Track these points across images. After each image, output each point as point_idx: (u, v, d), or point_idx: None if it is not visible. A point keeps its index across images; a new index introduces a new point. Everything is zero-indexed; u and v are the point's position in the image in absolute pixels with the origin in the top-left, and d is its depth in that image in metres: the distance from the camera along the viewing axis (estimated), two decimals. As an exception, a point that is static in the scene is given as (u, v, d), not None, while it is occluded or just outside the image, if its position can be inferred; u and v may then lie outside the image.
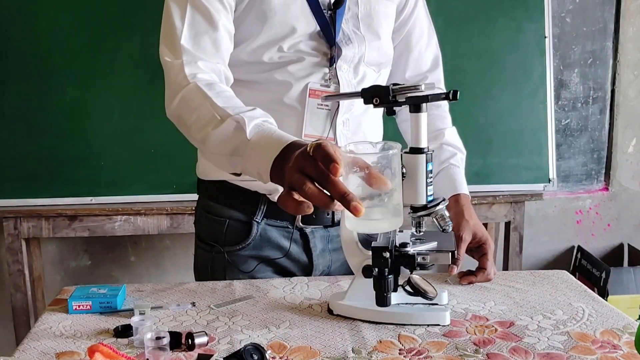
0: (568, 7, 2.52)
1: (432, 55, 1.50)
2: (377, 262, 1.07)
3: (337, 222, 1.35)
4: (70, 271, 2.58)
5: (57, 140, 2.25)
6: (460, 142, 1.49)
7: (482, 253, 1.31)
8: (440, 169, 1.41)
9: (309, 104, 1.29)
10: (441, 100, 1.05)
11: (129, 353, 0.99)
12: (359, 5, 1.30)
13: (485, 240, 1.31)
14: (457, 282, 1.29)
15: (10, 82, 2.24)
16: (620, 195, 2.71)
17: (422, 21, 1.48)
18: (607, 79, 2.60)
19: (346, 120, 1.33)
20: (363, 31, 1.31)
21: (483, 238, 1.31)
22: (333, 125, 1.31)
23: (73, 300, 1.17)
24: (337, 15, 1.27)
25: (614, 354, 0.98)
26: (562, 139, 2.59)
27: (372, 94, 1.10)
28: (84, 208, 2.25)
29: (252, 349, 0.94)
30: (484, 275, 1.29)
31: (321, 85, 1.29)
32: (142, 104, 2.27)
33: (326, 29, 1.27)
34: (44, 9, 2.22)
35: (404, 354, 0.99)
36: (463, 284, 1.28)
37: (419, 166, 1.06)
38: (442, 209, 1.08)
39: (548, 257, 2.75)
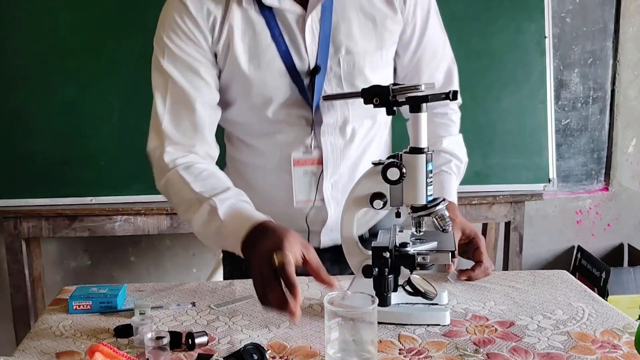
0: (568, 7, 2.52)
1: (444, 72, 1.45)
2: (377, 262, 1.07)
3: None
4: (70, 271, 2.58)
5: (58, 140, 2.25)
6: (461, 150, 1.48)
7: (474, 248, 1.30)
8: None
9: (295, 173, 1.30)
10: (441, 100, 1.05)
11: (129, 353, 0.99)
12: (340, 64, 1.26)
13: (475, 234, 1.31)
14: (457, 281, 1.29)
15: (10, 82, 2.24)
16: (620, 195, 2.71)
17: (434, 42, 1.40)
18: (607, 79, 2.60)
19: (335, 183, 1.33)
20: (347, 90, 1.27)
21: (472, 233, 1.31)
22: (319, 191, 1.32)
23: (73, 300, 1.17)
24: (317, 80, 1.25)
25: (614, 354, 0.98)
26: (562, 139, 2.59)
27: (372, 94, 1.11)
28: (84, 208, 2.25)
29: (252, 348, 0.94)
30: (483, 269, 1.28)
31: (304, 153, 1.30)
32: (142, 104, 2.24)
33: (305, 96, 1.26)
34: (44, 9, 2.22)
35: (404, 354, 0.99)
36: (462, 280, 1.28)
37: (419, 166, 1.06)
38: (442, 209, 1.08)
39: (548, 257, 2.75)
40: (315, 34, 1.24)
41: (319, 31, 1.24)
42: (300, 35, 1.24)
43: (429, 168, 1.06)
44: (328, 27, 1.25)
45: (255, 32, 1.23)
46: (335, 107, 1.28)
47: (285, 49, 1.24)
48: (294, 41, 1.25)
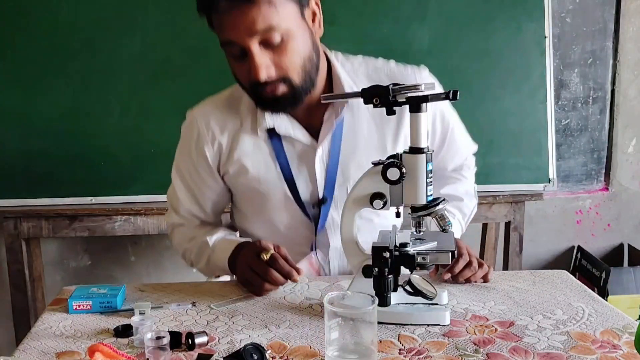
0: (568, 7, 2.52)
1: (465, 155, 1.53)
2: (377, 262, 1.07)
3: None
4: (70, 271, 2.58)
5: (57, 140, 2.25)
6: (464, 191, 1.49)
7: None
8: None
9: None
10: (441, 100, 1.05)
11: (129, 353, 0.99)
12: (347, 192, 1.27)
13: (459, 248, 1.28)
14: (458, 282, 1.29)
15: (10, 82, 2.23)
16: (620, 195, 2.70)
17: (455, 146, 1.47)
18: (607, 79, 2.60)
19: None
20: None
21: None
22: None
23: (73, 300, 1.17)
24: (322, 210, 1.33)
25: (614, 353, 0.98)
26: (562, 139, 2.59)
27: (372, 94, 1.11)
28: (84, 208, 2.25)
29: (252, 348, 0.94)
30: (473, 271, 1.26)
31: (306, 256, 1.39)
32: (142, 104, 2.27)
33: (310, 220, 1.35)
34: (43, 9, 2.22)
35: (404, 353, 0.99)
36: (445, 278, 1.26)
37: (419, 166, 1.06)
38: (442, 209, 1.08)
39: (548, 257, 2.75)
40: (324, 164, 1.31)
41: (328, 162, 1.30)
42: (311, 166, 1.31)
43: (429, 168, 1.06)
44: (337, 157, 1.30)
45: (267, 160, 1.32)
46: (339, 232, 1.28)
47: (290, 178, 1.31)
48: (302, 170, 1.32)
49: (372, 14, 2.30)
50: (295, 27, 1.17)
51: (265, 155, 1.32)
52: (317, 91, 1.27)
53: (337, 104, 1.29)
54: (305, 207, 1.33)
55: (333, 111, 1.30)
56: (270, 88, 1.19)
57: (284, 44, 1.16)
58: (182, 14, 2.25)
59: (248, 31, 1.14)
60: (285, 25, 1.15)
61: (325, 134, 1.29)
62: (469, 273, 1.26)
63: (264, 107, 1.27)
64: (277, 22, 1.14)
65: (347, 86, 1.28)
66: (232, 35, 1.16)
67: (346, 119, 1.31)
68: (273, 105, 1.24)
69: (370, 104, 1.10)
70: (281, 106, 1.24)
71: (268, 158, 1.32)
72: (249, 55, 1.16)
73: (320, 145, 1.30)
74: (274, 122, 1.29)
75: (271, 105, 1.24)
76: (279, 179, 1.32)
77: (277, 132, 1.29)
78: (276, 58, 1.17)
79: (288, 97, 1.21)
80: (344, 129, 1.31)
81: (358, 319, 0.92)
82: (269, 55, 1.17)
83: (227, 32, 1.16)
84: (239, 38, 1.15)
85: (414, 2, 2.30)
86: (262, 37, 1.15)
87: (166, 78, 2.26)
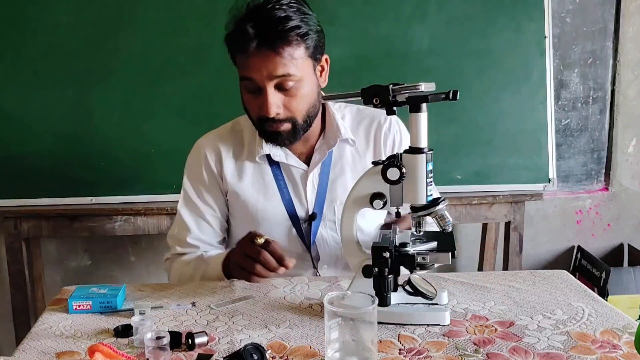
0: (568, 7, 2.52)
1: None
2: (377, 262, 1.07)
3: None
4: (70, 271, 2.58)
5: (57, 140, 2.25)
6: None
7: None
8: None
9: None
10: (441, 101, 1.05)
11: (129, 353, 0.99)
12: (335, 212, 1.47)
13: None
14: (458, 282, 1.29)
15: (10, 82, 2.24)
16: (620, 195, 2.70)
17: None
18: (607, 79, 2.60)
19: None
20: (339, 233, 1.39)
21: None
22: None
23: (73, 300, 1.17)
24: (313, 225, 1.46)
25: (614, 353, 0.98)
26: (562, 139, 2.59)
27: (372, 94, 1.11)
28: (84, 208, 2.25)
29: (252, 348, 0.94)
30: None
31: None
32: (142, 104, 2.27)
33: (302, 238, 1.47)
34: (44, 9, 2.22)
35: (403, 353, 1.00)
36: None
37: (419, 166, 1.06)
38: (442, 209, 1.08)
39: (548, 257, 2.75)
40: (314, 187, 1.48)
41: (318, 184, 1.48)
42: (302, 188, 1.48)
43: (429, 168, 1.06)
44: (326, 181, 1.48)
45: (265, 182, 1.48)
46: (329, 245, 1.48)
47: (288, 198, 1.47)
48: (297, 192, 1.48)
49: (372, 14, 2.29)
50: (307, 78, 1.36)
51: (263, 178, 1.48)
52: (312, 129, 1.46)
53: (328, 139, 1.48)
54: (299, 224, 1.47)
55: (324, 142, 1.49)
56: (276, 125, 1.37)
57: (294, 90, 1.35)
58: (182, 14, 2.25)
59: (268, 75, 1.32)
60: (300, 75, 1.34)
61: (315, 163, 1.48)
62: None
63: (266, 138, 1.43)
64: (294, 72, 1.33)
65: (340, 124, 1.48)
66: (253, 74, 1.33)
67: (334, 151, 1.50)
68: (274, 138, 1.41)
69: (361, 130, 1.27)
70: (281, 140, 1.41)
71: (266, 180, 1.48)
72: (264, 93, 1.33)
73: (311, 171, 1.48)
74: (270, 150, 1.46)
75: (272, 137, 1.41)
76: (276, 198, 1.47)
77: (273, 158, 1.46)
78: (286, 100, 1.36)
79: (289, 134, 1.39)
80: (333, 157, 1.50)
81: (358, 319, 0.92)
82: (280, 97, 1.35)
83: (249, 71, 1.33)
84: (259, 78, 1.33)
85: (414, 2, 2.30)
86: (278, 81, 1.33)
87: (166, 78, 2.26)
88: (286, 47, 1.31)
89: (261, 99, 1.34)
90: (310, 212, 1.47)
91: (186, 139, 1.60)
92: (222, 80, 2.26)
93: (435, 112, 1.18)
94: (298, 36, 1.32)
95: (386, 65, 2.26)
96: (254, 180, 1.48)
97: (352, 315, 0.92)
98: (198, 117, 2.22)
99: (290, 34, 1.31)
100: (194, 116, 2.24)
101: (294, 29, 1.31)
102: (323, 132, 1.49)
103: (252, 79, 1.34)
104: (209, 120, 1.63)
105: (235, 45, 1.35)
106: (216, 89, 2.24)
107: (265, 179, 1.48)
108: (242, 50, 1.33)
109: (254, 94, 1.36)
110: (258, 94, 1.35)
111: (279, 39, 1.30)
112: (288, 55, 1.31)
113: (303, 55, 1.34)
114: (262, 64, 1.31)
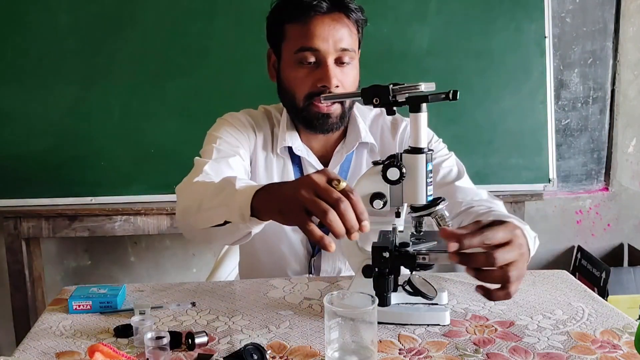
0: (568, 7, 2.52)
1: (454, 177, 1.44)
2: (377, 262, 1.07)
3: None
4: (70, 271, 2.58)
5: (57, 140, 2.25)
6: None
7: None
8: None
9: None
10: (441, 101, 1.05)
11: (129, 353, 0.99)
12: None
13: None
14: (458, 282, 1.29)
15: (10, 82, 2.24)
16: (620, 195, 2.70)
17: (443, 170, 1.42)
18: (607, 79, 2.60)
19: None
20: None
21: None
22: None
23: (73, 300, 1.17)
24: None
25: (614, 353, 0.98)
26: (562, 139, 2.59)
27: (372, 94, 1.11)
28: (84, 208, 2.25)
29: (252, 349, 0.94)
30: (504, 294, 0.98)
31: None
32: (142, 104, 2.27)
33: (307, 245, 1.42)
34: (44, 9, 2.22)
35: (404, 353, 0.99)
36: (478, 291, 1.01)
37: (419, 166, 1.06)
38: (442, 209, 1.08)
39: (548, 257, 2.75)
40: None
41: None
42: None
43: (429, 168, 1.06)
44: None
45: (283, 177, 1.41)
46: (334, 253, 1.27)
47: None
48: None
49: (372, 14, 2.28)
50: (357, 59, 1.34)
51: (282, 171, 1.42)
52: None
53: (349, 142, 1.42)
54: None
55: (344, 146, 1.42)
56: (326, 106, 1.31)
57: (348, 67, 1.31)
58: (182, 14, 2.25)
59: (334, 45, 1.28)
60: (355, 53, 1.32)
61: (334, 164, 1.42)
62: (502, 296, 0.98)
63: (309, 122, 1.34)
64: (353, 47, 1.31)
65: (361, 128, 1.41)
66: (318, 44, 1.27)
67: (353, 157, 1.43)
68: (322, 120, 1.33)
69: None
70: (329, 123, 1.34)
71: (285, 174, 1.42)
72: (323, 64, 1.28)
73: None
74: (293, 143, 1.39)
75: (320, 120, 1.33)
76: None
77: (295, 152, 1.40)
78: (341, 76, 1.30)
79: (337, 117, 1.34)
80: (352, 163, 1.44)
81: (358, 319, 0.92)
82: (338, 71, 1.30)
83: (314, 40, 1.27)
84: (323, 48, 1.27)
85: (414, 2, 2.30)
86: (339, 54, 1.29)
87: (166, 78, 2.26)
88: (352, 16, 1.28)
89: (319, 72, 1.28)
90: None
91: (186, 139, 1.60)
92: (222, 80, 2.26)
93: (435, 112, 1.18)
94: (359, 12, 1.30)
95: (386, 65, 2.26)
96: (273, 171, 1.42)
97: (352, 315, 0.92)
98: (198, 117, 2.22)
99: (354, 6, 1.29)
100: (193, 116, 2.24)
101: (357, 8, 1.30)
102: (344, 137, 1.43)
103: (315, 49, 1.27)
104: (209, 120, 1.63)
105: (294, 10, 1.28)
106: (216, 89, 2.24)
107: (285, 172, 1.42)
108: (303, 14, 1.26)
109: (309, 66, 1.29)
110: (316, 66, 1.29)
111: (349, 4, 1.27)
112: (353, 26, 1.28)
113: (357, 33, 1.31)
114: (329, 31, 1.26)
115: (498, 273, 0.94)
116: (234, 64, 2.26)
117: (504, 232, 0.94)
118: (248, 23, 2.23)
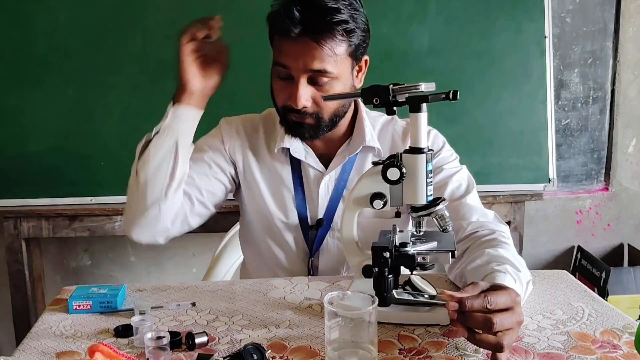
0: (568, 7, 2.52)
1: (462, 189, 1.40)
2: (377, 262, 1.07)
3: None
4: (70, 271, 2.58)
5: (57, 140, 2.25)
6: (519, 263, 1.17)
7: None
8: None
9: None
10: (441, 101, 1.05)
11: (129, 353, 0.99)
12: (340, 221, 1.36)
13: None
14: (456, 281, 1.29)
15: (10, 82, 2.24)
16: (620, 195, 2.70)
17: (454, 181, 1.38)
18: (607, 79, 2.60)
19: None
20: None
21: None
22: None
23: (73, 300, 1.17)
24: (319, 232, 1.40)
25: (614, 353, 0.98)
26: (562, 139, 2.59)
27: (372, 94, 1.11)
28: (84, 208, 2.25)
29: (252, 349, 0.94)
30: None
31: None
32: (142, 104, 2.27)
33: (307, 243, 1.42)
34: (44, 9, 2.22)
35: (404, 353, 0.99)
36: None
37: (419, 166, 1.06)
38: (442, 209, 1.08)
39: (548, 257, 2.75)
40: (328, 192, 1.40)
41: (333, 189, 1.40)
42: (315, 189, 1.40)
43: (429, 168, 1.06)
44: (342, 187, 1.40)
45: (281, 177, 1.42)
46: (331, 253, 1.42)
47: (301, 197, 1.41)
48: (309, 193, 1.41)
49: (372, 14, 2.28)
50: (343, 77, 1.29)
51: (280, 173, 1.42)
52: (339, 129, 1.38)
53: (353, 145, 1.40)
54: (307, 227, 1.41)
55: (348, 148, 1.41)
56: (299, 116, 1.30)
57: (327, 86, 1.27)
58: (182, 14, 2.25)
59: (304, 66, 1.25)
60: (336, 73, 1.27)
61: (335, 164, 1.40)
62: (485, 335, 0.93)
63: (287, 128, 1.35)
64: (331, 69, 1.26)
65: (367, 131, 1.40)
66: (288, 62, 1.26)
67: (357, 160, 1.41)
68: (295, 129, 1.34)
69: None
70: (301, 132, 1.33)
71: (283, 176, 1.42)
72: (295, 83, 1.27)
73: (328, 173, 1.40)
74: (291, 145, 1.39)
75: (294, 128, 1.34)
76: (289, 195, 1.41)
77: (292, 154, 1.40)
78: (316, 95, 1.28)
79: (310, 128, 1.32)
80: (354, 165, 1.41)
81: (358, 319, 0.92)
82: (311, 90, 1.28)
83: (285, 57, 1.27)
84: (294, 67, 1.26)
85: (414, 2, 2.30)
86: (313, 74, 1.26)
87: (166, 78, 2.26)
88: (329, 41, 1.23)
89: (291, 88, 1.27)
90: (319, 216, 1.40)
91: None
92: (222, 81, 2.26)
93: (436, 112, 1.18)
94: (344, 32, 1.24)
95: (386, 65, 2.26)
96: (270, 173, 1.43)
97: (352, 315, 0.92)
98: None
99: (336, 27, 1.23)
100: (194, 116, 2.24)
101: (342, 24, 1.23)
102: (349, 138, 1.41)
103: (286, 66, 1.27)
104: (209, 120, 1.63)
105: (277, 26, 1.27)
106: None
107: (282, 174, 1.42)
108: (282, 33, 1.25)
109: (284, 80, 1.29)
110: (289, 82, 1.28)
111: (324, 30, 1.22)
112: (329, 49, 1.23)
113: (344, 52, 1.26)
114: (300, 53, 1.24)
115: (492, 339, 0.92)
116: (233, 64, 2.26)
117: (505, 298, 0.94)
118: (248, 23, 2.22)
